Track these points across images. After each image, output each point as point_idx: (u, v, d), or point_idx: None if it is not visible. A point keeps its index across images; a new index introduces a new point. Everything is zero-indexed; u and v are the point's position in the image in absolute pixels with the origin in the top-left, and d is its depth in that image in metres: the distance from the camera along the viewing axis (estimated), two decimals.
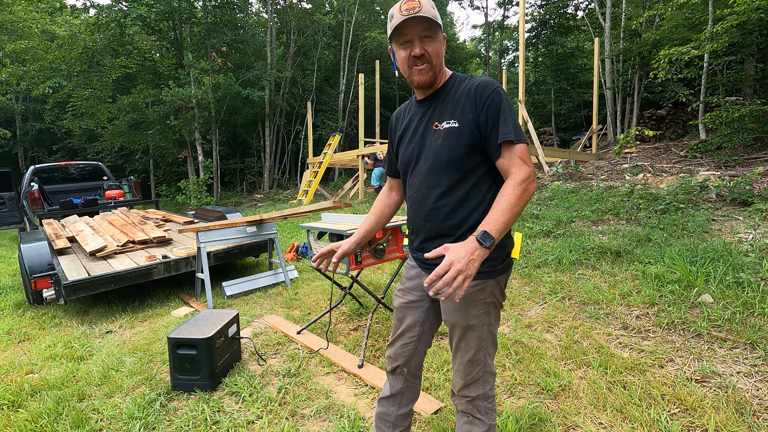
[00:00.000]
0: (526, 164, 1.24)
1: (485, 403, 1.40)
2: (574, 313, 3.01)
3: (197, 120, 14.67)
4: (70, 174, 9.55)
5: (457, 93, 1.33)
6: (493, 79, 1.32)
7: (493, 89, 1.29)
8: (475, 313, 1.32)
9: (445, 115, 1.33)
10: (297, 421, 2.10)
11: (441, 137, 1.33)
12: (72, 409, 2.25)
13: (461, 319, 1.34)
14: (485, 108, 1.28)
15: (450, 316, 1.37)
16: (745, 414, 1.88)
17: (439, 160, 1.33)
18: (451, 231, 1.34)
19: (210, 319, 2.59)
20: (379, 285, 4.05)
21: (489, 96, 1.28)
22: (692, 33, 10.02)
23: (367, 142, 11.86)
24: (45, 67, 14.49)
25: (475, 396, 1.39)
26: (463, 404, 1.42)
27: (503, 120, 1.26)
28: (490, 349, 1.39)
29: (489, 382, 1.40)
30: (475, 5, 32.84)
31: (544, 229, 4.78)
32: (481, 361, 1.37)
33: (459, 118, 1.30)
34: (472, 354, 1.36)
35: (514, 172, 1.24)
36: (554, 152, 10.35)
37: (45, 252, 4.12)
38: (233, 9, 16.12)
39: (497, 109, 1.27)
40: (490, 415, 1.41)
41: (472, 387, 1.39)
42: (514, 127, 1.26)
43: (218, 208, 6.22)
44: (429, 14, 1.26)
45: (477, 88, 1.30)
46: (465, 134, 1.29)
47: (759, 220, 4.34)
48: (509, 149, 1.26)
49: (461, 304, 1.33)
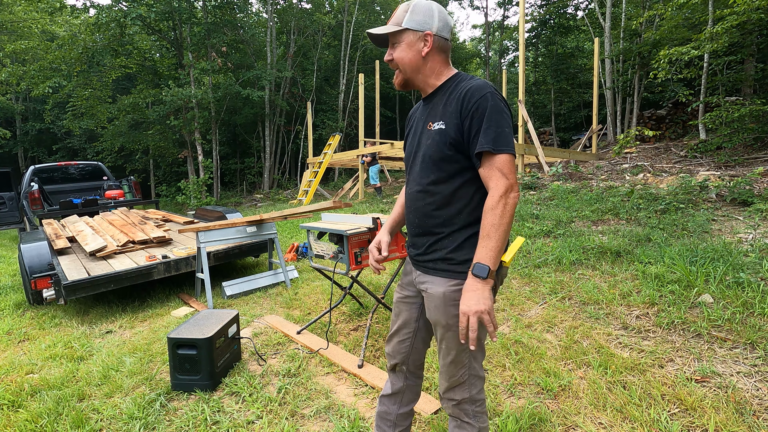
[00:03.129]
0: (504, 176, 1.21)
1: (473, 406, 1.38)
2: (574, 313, 3.01)
3: (197, 120, 14.67)
4: (70, 174, 9.55)
5: (452, 95, 1.32)
6: (488, 84, 1.28)
7: (481, 95, 1.25)
8: (455, 313, 1.31)
9: (437, 116, 1.34)
10: (297, 421, 2.10)
11: (431, 137, 1.35)
12: (72, 409, 2.25)
13: (441, 317, 1.33)
14: (470, 114, 1.25)
15: (432, 314, 1.37)
16: (745, 414, 1.88)
17: (427, 159, 1.35)
18: (435, 230, 1.35)
19: (210, 319, 2.59)
20: (379, 285, 4.05)
21: (475, 102, 1.24)
22: (692, 33, 10.03)
23: (367, 142, 11.86)
24: (45, 67, 14.49)
25: (460, 399, 1.37)
26: (450, 408, 1.41)
27: (485, 128, 1.23)
28: (476, 352, 1.36)
29: (476, 386, 1.38)
30: (475, 5, 32.79)
31: (544, 229, 4.78)
32: (465, 363, 1.35)
33: (447, 121, 1.30)
34: (453, 355, 1.34)
35: (492, 186, 1.23)
36: (554, 152, 10.35)
37: (45, 252, 4.11)
38: (233, 9, 16.10)
39: (481, 116, 1.24)
40: (479, 418, 1.39)
41: (457, 390, 1.37)
42: (496, 136, 1.22)
43: (218, 208, 6.22)
44: (393, 23, 1.35)
45: (467, 93, 1.27)
46: (450, 137, 1.29)
47: (759, 220, 4.34)
48: (488, 160, 1.23)
49: (441, 303, 1.32)
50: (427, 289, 1.36)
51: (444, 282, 1.32)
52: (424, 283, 1.37)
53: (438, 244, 1.34)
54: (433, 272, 1.35)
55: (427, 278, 1.36)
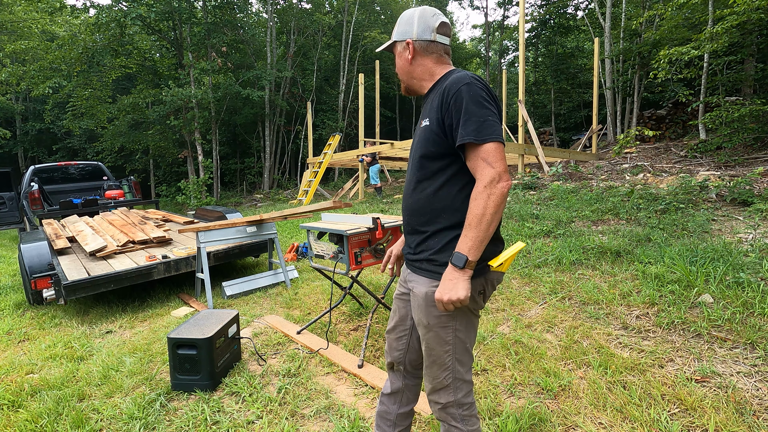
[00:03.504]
0: (489, 165, 1.18)
1: (460, 410, 1.36)
2: (574, 313, 3.01)
3: (197, 120, 14.67)
4: (70, 174, 9.55)
5: (437, 93, 1.33)
6: (468, 74, 1.26)
7: (457, 88, 1.23)
8: (435, 314, 1.30)
9: (426, 114, 1.37)
10: (297, 421, 2.10)
11: (418, 135, 1.38)
12: (72, 409, 2.25)
13: (422, 316, 1.34)
14: (449, 108, 1.24)
15: (415, 313, 1.37)
16: (745, 414, 1.88)
17: (415, 157, 1.38)
18: (420, 228, 1.36)
19: (210, 319, 2.59)
20: (379, 285, 4.05)
21: (453, 95, 1.23)
22: (692, 33, 10.03)
23: (367, 142, 11.86)
24: (45, 67, 14.49)
25: (445, 403, 1.36)
26: (436, 412, 1.40)
27: (464, 120, 1.20)
28: (460, 356, 1.34)
29: (461, 390, 1.36)
30: (475, 5, 32.78)
31: (544, 229, 4.78)
32: (448, 366, 1.33)
33: (430, 117, 1.32)
34: (435, 356, 1.34)
35: (477, 177, 1.21)
36: (554, 152, 10.35)
37: (45, 252, 4.11)
38: (233, 9, 16.11)
39: (459, 108, 1.22)
40: (468, 421, 1.37)
41: (442, 393, 1.36)
42: (477, 126, 1.19)
43: (218, 208, 6.22)
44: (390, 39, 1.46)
45: (446, 86, 1.27)
46: (431, 133, 1.30)
47: (759, 220, 4.34)
48: (473, 151, 1.21)
49: (423, 302, 1.32)
50: (413, 288, 1.37)
51: (427, 282, 1.32)
52: (411, 282, 1.39)
53: (424, 244, 1.35)
54: (419, 272, 1.36)
55: (414, 277, 1.38)
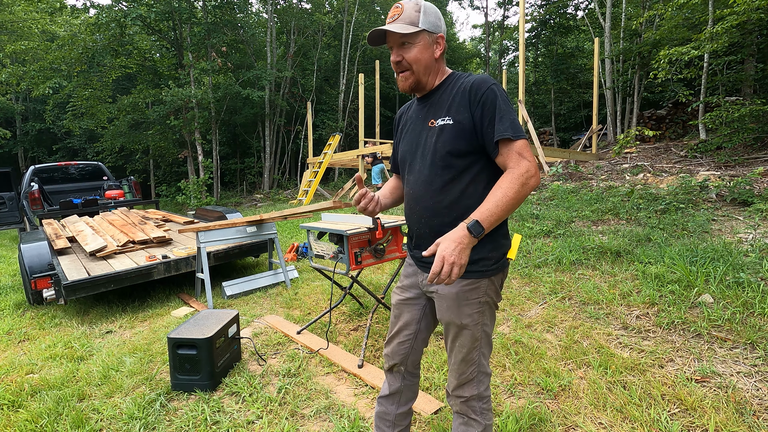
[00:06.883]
0: (525, 159, 1.23)
1: (480, 403, 1.39)
2: (574, 313, 3.01)
3: (197, 120, 14.66)
4: (70, 174, 9.55)
5: (453, 90, 1.33)
6: (489, 76, 1.31)
7: (487, 87, 1.28)
8: (469, 312, 1.32)
9: (441, 112, 1.34)
10: (297, 421, 2.10)
11: (435, 134, 1.34)
12: (72, 409, 2.25)
13: (455, 317, 1.34)
14: (480, 105, 1.27)
15: (444, 314, 1.36)
16: (745, 414, 1.88)
17: (433, 157, 1.34)
18: (444, 229, 1.33)
19: (210, 319, 2.59)
20: (379, 285, 4.05)
21: (483, 93, 1.27)
22: (692, 33, 10.02)
23: (367, 142, 11.86)
24: (45, 68, 14.48)
25: (469, 396, 1.38)
26: (457, 405, 1.42)
27: (499, 117, 1.25)
28: (485, 349, 1.38)
29: (483, 383, 1.39)
30: (475, 5, 32.75)
31: (544, 229, 4.78)
32: (474, 360, 1.36)
33: (453, 116, 1.31)
34: (465, 353, 1.35)
35: (512, 166, 1.24)
36: (554, 152, 10.35)
37: (45, 252, 4.11)
38: (233, 9, 16.10)
39: (493, 106, 1.26)
40: (486, 415, 1.40)
41: (466, 387, 1.38)
42: (511, 123, 1.24)
43: (218, 208, 6.22)
44: (405, 22, 1.30)
45: (472, 86, 1.29)
46: (458, 131, 1.29)
47: (759, 220, 4.34)
48: (507, 146, 1.25)
49: (455, 303, 1.32)
50: (439, 290, 1.36)
51: (456, 282, 1.31)
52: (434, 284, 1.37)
53: None
54: None
55: None
